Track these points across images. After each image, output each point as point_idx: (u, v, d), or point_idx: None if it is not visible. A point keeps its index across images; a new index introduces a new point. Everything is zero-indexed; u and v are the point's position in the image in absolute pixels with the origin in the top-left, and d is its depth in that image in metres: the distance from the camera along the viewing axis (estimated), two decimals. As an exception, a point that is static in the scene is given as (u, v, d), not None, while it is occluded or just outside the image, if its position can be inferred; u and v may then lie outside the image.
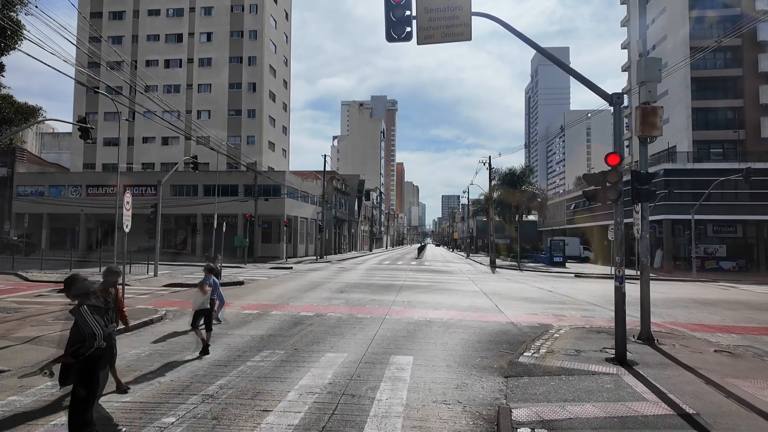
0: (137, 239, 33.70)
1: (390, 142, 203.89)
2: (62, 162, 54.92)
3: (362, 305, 14.29)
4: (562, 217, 57.68)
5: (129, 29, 54.20)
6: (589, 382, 6.67)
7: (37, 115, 21.06)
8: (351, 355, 8.23)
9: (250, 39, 52.73)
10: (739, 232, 36.11)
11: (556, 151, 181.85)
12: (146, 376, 6.82)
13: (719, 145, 41.79)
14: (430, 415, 5.51)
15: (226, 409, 5.57)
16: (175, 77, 53.20)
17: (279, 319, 11.72)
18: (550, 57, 9.68)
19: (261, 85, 52.38)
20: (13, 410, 5.45)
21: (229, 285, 19.23)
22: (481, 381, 6.87)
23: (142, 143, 53.24)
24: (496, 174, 48.77)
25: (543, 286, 21.55)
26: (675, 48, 41.90)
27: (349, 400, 5.93)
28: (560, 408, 5.63)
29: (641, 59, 9.53)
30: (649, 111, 9.12)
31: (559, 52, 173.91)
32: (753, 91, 40.43)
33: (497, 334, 10.35)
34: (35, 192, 43.03)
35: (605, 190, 8.24)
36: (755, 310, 15.25)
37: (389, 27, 9.08)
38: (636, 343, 9.14)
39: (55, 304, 13.23)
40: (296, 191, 44.19)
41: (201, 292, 8.36)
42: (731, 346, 9.33)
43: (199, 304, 8.36)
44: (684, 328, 11.48)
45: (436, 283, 22.35)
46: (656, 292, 16.79)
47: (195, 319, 8.35)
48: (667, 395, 6.14)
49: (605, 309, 14.36)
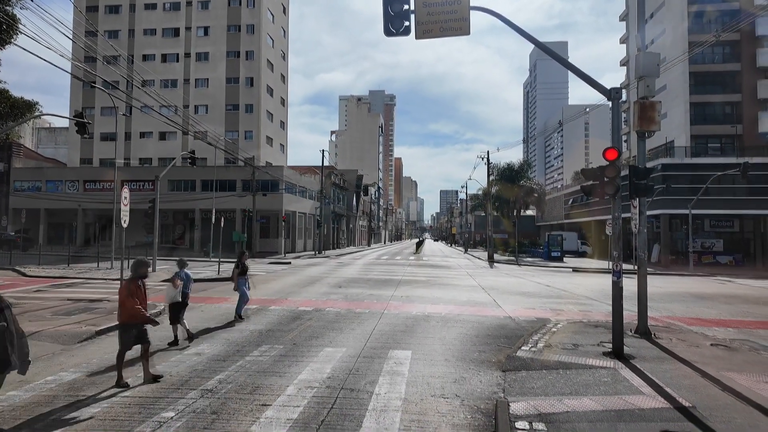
0: (135, 234, 33.74)
1: (388, 137, 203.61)
2: (59, 157, 54.71)
3: (361, 300, 14.32)
4: (560, 212, 57.77)
5: (125, 23, 53.86)
6: (587, 376, 6.72)
7: (33, 110, 20.98)
8: (349, 349, 8.26)
9: (247, 33, 52.44)
10: (736, 226, 36.22)
11: (554, 146, 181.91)
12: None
13: (717, 140, 41.83)
14: (429, 409, 5.54)
15: (225, 403, 5.59)
16: (172, 72, 52.92)
17: (278, 314, 11.74)
18: (549, 52, 9.65)
19: (258, 80, 52.15)
20: (13, 405, 5.45)
21: (227, 280, 19.24)
22: (479, 375, 6.91)
23: (140, 138, 53.05)
24: (494, 169, 48.82)
25: (541, 281, 21.62)
26: (674, 42, 41.84)
27: (347, 395, 5.96)
28: (558, 402, 5.67)
29: (640, 54, 9.52)
30: (648, 106, 9.12)
31: (558, 46, 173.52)
32: (751, 85, 40.45)
33: (495, 328, 10.40)
34: (32, 187, 42.86)
35: (603, 185, 8.25)
36: (752, 304, 15.34)
37: (387, 21, 9.04)
38: (633, 337, 9.19)
39: (54, 299, 13.23)
40: (294, 186, 44.12)
41: (173, 286, 8.42)
42: (727, 340, 9.39)
43: (170, 297, 8.43)
44: (681, 322, 11.54)
45: (435, 278, 22.40)
46: (653, 286, 16.88)
47: (171, 313, 8.45)
48: (663, 389, 6.18)
49: (603, 303, 14.42)
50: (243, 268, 10.76)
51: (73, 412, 5.27)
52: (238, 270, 10.71)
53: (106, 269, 22.00)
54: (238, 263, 10.78)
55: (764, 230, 35.01)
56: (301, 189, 46.68)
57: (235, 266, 10.78)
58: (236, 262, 10.85)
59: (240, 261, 10.80)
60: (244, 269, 10.80)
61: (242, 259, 10.85)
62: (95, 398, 5.70)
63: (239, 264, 10.77)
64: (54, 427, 4.85)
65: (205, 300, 13.82)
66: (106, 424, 4.95)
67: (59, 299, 13.16)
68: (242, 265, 10.77)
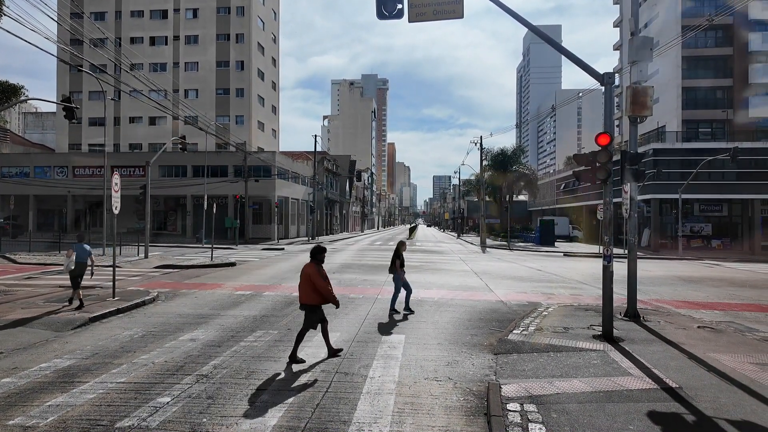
0: (126, 221, 33.50)
1: (381, 121, 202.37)
2: (47, 142, 53.93)
3: (354, 285, 14.40)
4: (552, 197, 58.08)
5: (111, 5, 52.63)
6: (577, 359, 6.84)
7: (19, 95, 20.60)
8: (344, 334, 8.33)
9: (237, 15, 51.51)
10: (725, 210, 36.68)
11: (547, 131, 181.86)
12: (140, 357, 6.86)
13: (708, 125, 42.04)
14: (422, 391, 5.63)
15: (220, 388, 5.64)
16: (160, 55, 51.99)
17: (272, 299, 11.78)
18: (542, 35, 9.58)
19: (249, 63, 51.41)
20: (8, 392, 5.46)
21: (220, 266, 19.25)
22: (471, 358, 7.01)
23: (129, 123, 52.30)
24: (487, 154, 48.83)
25: (532, 265, 21.83)
26: (667, 26, 41.71)
27: (342, 378, 6.04)
28: (548, 384, 5.78)
29: (633, 38, 9.50)
30: (640, 91, 9.13)
31: (551, 30, 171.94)
32: (742, 70, 40.56)
33: (487, 312, 10.52)
34: (20, 173, 42.23)
35: (595, 170, 8.30)
36: (738, 287, 15.63)
37: (380, 4, 8.93)
38: (623, 320, 9.35)
39: (45, 286, 13.16)
40: (287, 172, 43.87)
41: (67, 256, 9.97)
42: (714, 322, 9.59)
43: (66, 267, 9.95)
44: (669, 305, 11.75)
45: (428, 263, 22.53)
46: (643, 270, 17.12)
47: (71, 280, 10.04)
48: (651, 370, 6.32)
49: (593, 287, 14.62)
50: (402, 259, 10.11)
51: (69, 398, 5.29)
52: (399, 260, 10.01)
53: (98, 256, 21.83)
54: (399, 253, 10.08)
55: (752, 214, 35.49)
56: (294, 175, 46.44)
57: (396, 256, 10.04)
58: (395, 251, 10.11)
59: (399, 251, 10.12)
60: (403, 261, 10.14)
61: (402, 249, 10.16)
62: (91, 385, 5.72)
63: (400, 254, 10.08)
64: (50, 414, 4.87)
65: (198, 286, 13.82)
66: (102, 410, 4.98)
67: (51, 286, 13.09)
68: (401, 255, 10.13)
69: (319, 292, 6.62)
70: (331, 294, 6.67)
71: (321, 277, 6.65)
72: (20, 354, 6.97)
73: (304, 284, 6.68)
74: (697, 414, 4.96)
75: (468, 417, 4.95)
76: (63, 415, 4.84)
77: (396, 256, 10.11)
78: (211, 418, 4.81)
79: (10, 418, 4.78)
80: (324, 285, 6.62)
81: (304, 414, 4.94)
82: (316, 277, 6.60)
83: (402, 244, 10.38)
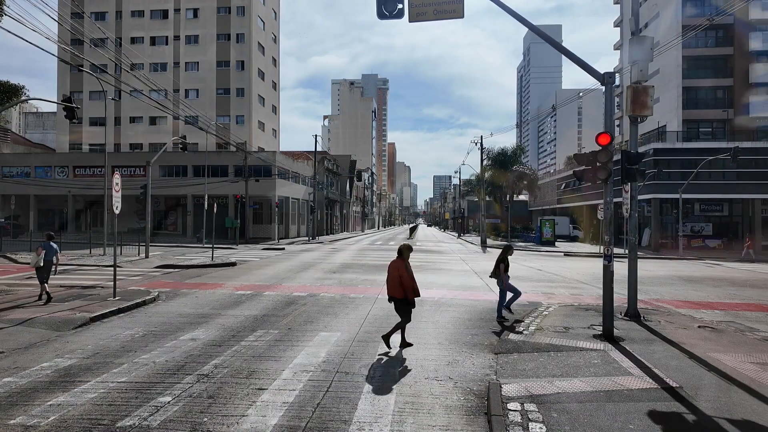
0: (127, 220, 33.49)
1: (381, 121, 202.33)
2: (48, 142, 53.95)
3: (355, 285, 14.41)
4: (552, 197, 58.05)
5: (112, 4, 52.61)
6: (577, 358, 6.85)
7: (20, 95, 20.62)
8: (344, 334, 8.34)
9: (237, 15, 51.49)
10: (725, 210, 36.67)
11: (547, 131, 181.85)
12: (141, 356, 6.87)
13: (708, 125, 42.02)
14: (422, 391, 5.64)
15: (221, 387, 5.65)
16: (161, 55, 51.99)
17: (272, 299, 11.79)
18: (542, 35, 9.58)
19: (249, 63, 51.40)
20: (9, 391, 5.47)
21: (221, 266, 19.26)
22: (471, 358, 7.02)
23: (129, 123, 52.30)
24: (488, 154, 48.85)
25: (533, 265, 21.82)
26: (667, 26, 41.69)
27: (343, 378, 6.04)
28: (549, 383, 5.79)
29: (633, 38, 9.50)
30: (641, 90, 9.13)
31: (552, 30, 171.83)
32: (743, 69, 40.53)
33: (488, 312, 10.52)
34: (21, 173, 42.22)
35: (595, 170, 8.30)
36: (738, 287, 15.63)
37: (380, 3, 8.93)
38: (623, 320, 9.36)
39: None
40: (287, 172, 43.87)
41: (36, 254, 10.47)
42: (714, 322, 9.59)
43: (35, 262, 10.50)
44: (669, 305, 11.74)
45: (428, 262, 22.53)
46: (643, 269, 17.12)
47: (38, 275, 10.58)
48: (651, 370, 6.33)
49: (593, 287, 14.62)
50: (507, 263, 9.76)
51: (70, 397, 5.30)
52: (504, 264, 9.63)
53: (99, 256, 21.88)
54: (505, 257, 9.73)
55: (752, 214, 35.47)
56: (294, 174, 46.42)
57: (501, 260, 9.64)
58: (502, 256, 9.73)
59: (505, 255, 9.77)
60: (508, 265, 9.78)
61: (509, 253, 9.87)
62: (92, 384, 5.73)
63: (506, 258, 9.73)
64: (51, 413, 4.88)
65: (199, 286, 13.83)
66: (103, 409, 4.99)
67: (52, 286, 13.04)
68: (507, 259, 9.78)
69: (404, 286, 7.06)
70: (411, 291, 7.11)
71: (407, 273, 7.14)
72: (21, 353, 6.98)
73: (391, 279, 7.22)
74: (698, 413, 4.97)
75: (468, 416, 4.95)
76: (64, 415, 4.85)
77: (502, 260, 9.70)
78: (212, 417, 4.82)
79: (12, 417, 4.79)
80: (408, 279, 7.09)
81: (305, 413, 4.94)
82: (402, 271, 7.10)
83: (509, 247, 9.98)
